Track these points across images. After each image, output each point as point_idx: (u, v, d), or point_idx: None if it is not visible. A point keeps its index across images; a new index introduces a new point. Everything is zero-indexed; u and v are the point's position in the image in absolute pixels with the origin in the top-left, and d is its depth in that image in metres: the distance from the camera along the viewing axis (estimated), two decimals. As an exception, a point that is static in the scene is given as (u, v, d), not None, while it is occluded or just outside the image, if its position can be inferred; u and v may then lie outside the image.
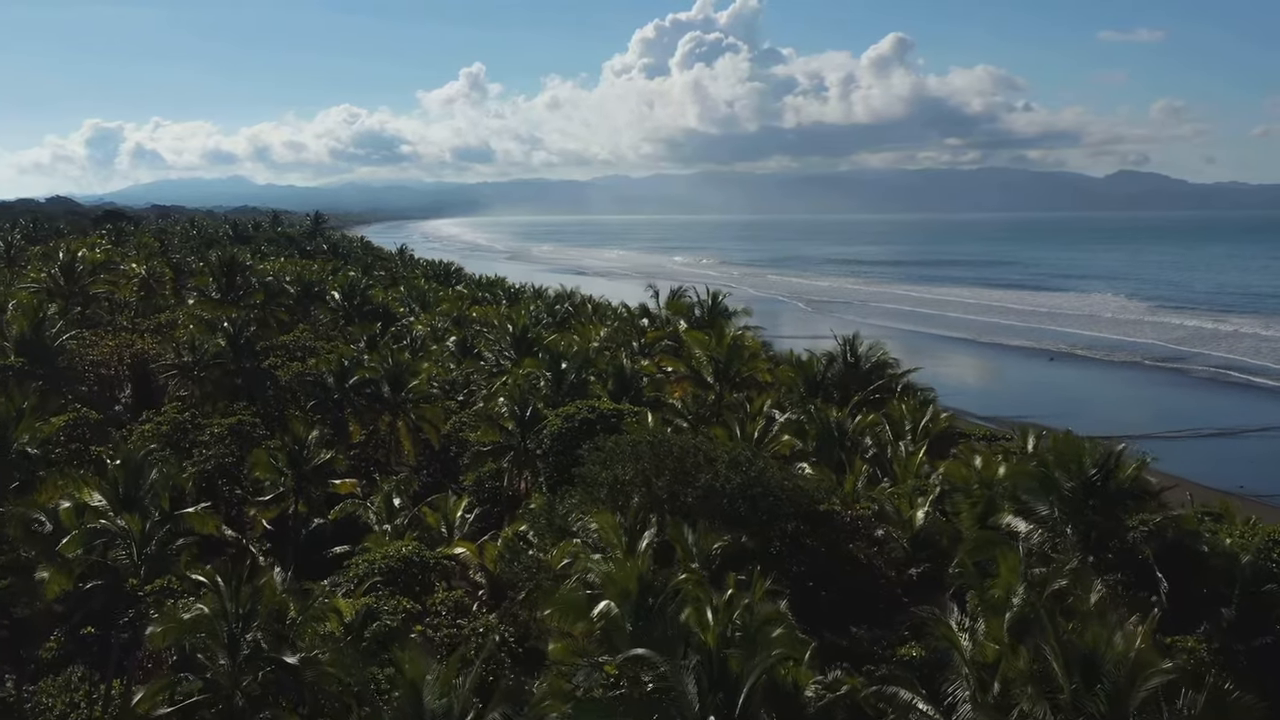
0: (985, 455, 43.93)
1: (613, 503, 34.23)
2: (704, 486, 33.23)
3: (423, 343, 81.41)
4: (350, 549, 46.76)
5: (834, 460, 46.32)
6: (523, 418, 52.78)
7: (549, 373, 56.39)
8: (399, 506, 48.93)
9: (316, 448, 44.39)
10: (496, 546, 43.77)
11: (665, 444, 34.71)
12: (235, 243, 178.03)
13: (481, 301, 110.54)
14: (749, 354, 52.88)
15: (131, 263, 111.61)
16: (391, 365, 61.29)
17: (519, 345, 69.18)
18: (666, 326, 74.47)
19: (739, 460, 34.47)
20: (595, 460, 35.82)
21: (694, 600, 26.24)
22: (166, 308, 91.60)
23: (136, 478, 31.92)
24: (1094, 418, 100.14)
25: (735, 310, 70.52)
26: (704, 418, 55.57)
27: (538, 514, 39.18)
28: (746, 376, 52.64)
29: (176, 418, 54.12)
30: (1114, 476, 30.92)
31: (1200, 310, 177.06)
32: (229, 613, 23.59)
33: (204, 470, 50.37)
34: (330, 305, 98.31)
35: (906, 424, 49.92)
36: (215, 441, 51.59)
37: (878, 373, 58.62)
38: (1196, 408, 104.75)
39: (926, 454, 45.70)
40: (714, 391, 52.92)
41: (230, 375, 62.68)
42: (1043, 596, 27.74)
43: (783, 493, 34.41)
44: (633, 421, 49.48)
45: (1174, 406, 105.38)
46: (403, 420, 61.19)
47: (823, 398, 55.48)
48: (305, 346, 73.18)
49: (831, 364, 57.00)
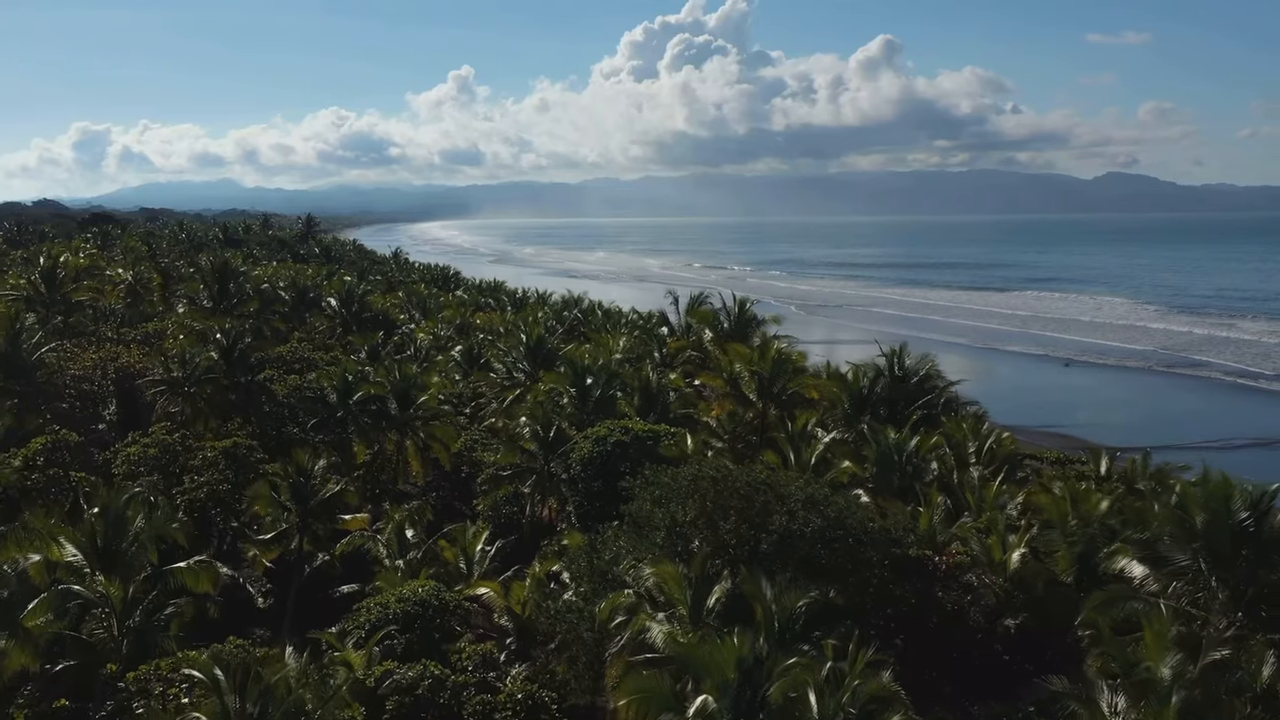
0: (1069, 484, 39.60)
1: (671, 547, 29.65)
2: (779, 530, 28.66)
3: (427, 353, 76.73)
4: (360, 587, 42.17)
5: (893, 488, 41.89)
6: (546, 438, 48.22)
7: (572, 388, 51.77)
8: (412, 539, 44.28)
9: (323, 479, 39.55)
10: (524, 587, 39.25)
11: (729, 478, 30.09)
12: (226, 246, 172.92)
13: (485, 308, 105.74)
14: (795, 368, 48.25)
15: (118, 268, 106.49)
16: (399, 379, 56.61)
17: (533, 356, 64.52)
18: (689, 335, 69.92)
19: (815, 498, 29.92)
20: (647, 496, 31.20)
21: (787, 675, 21.85)
22: (155, 315, 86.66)
23: (119, 528, 27.05)
24: (1123, 426, 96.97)
25: (765, 318, 65.87)
26: (741, 436, 51.08)
27: (576, 555, 34.57)
28: (792, 393, 48.00)
29: (165, 439, 49.30)
30: (1268, 521, 26.47)
31: (1207, 314, 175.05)
32: (232, 715, 18.82)
33: (196, 499, 45.67)
34: (327, 312, 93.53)
35: (970, 445, 45.52)
36: (208, 466, 46.87)
37: (926, 386, 54.15)
38: (1224, 415, 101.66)
39: (995, 479, 41.32)
40: (756, 410, 48.30)
41: (224, 391, 57.86)
42: (1197, 668, 23.38)
43: (866, 536, 29.90)
44: (669, 444, 44.98)
45: (1201, 414, 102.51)
46: (411, 439, 56.57)
47: (871, 415, 51.02)
48: (303, 358, 68.40)
49: (879, 378, 52.46)
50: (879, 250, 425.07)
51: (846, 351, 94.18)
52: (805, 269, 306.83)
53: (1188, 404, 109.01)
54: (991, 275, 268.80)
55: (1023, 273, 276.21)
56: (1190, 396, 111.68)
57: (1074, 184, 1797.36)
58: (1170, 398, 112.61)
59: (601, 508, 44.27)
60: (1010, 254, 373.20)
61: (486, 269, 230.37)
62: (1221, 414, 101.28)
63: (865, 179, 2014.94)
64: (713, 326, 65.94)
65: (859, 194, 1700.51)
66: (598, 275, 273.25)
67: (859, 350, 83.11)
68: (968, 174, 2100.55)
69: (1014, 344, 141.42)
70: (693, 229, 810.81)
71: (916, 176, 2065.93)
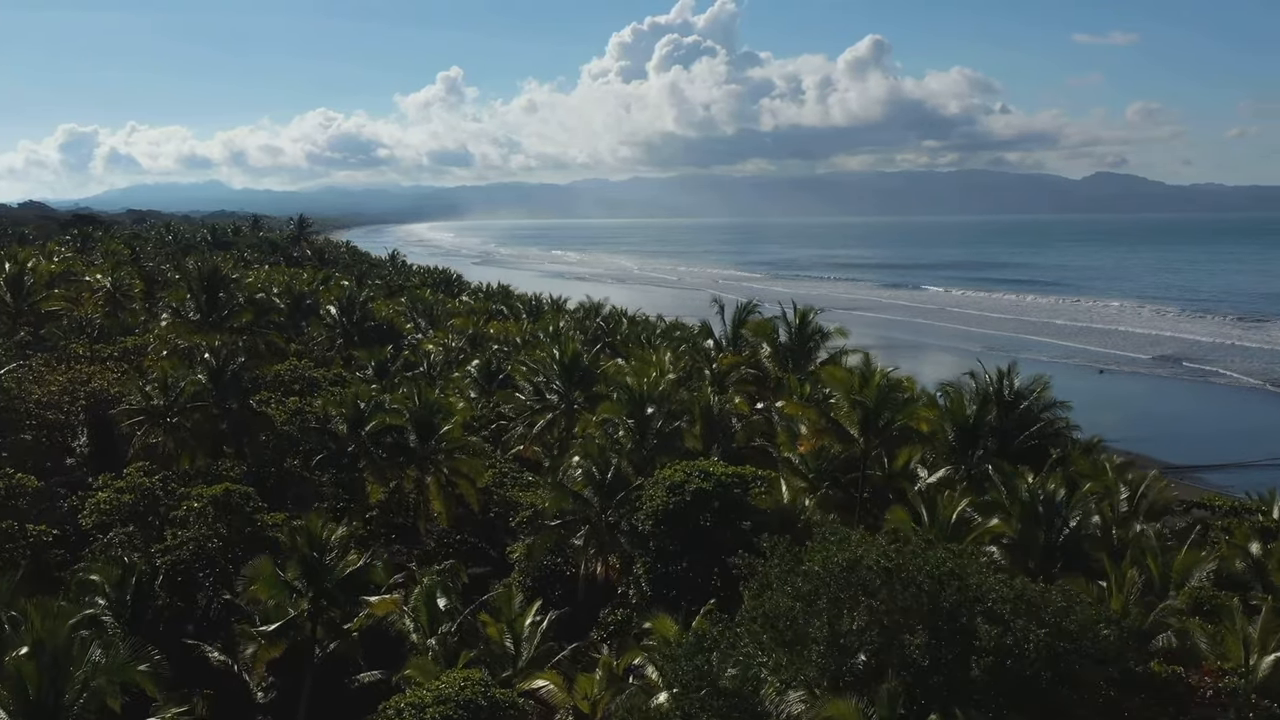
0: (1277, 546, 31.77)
1: (835, 664, 21.58)
2: (994, 649, 20.60)
3: (441, 369, 68.44)
4: (383, 675, 34.04)
5: (1038, 549, 34.02)
6: (603, 482, 40.09)
7: (629, 418, 43.58)
8: (445, 608, 36.02)
9: (342, 550, 31.18)
10: (593, 680, 31.18)
11: (906, 569, 22.03)
12: (215, 249, 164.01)
13: (497, 315, 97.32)
14: (906, 396, 40.11)
15: (96, 273, 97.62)
16: (418, 406, 48.36)
17: (568, 375, 56.35)
18: (739, 348, 61.83)
19: (1030, 599, 21.86)
20: (788, 588, 23.05)
21: None
22: (136, 327, 78.17)
23: (58, 675, 18.44)
24: (1188, 439, 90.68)
25: (830, 330, 57.76)
26: (826, 474, 42.93)
27: (670, 652, 26.30)
28: (901, 427, 39.89)
29: (142, 482, 41.03)
30: None
31: (1226, 317, 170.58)
32: None
33: (179, 559, 37.42)
34: (326, 321, 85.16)
35: (1121, 492, 37.61)
36: (196, 519, 38.62)
37: (1035, 413, 46.22)
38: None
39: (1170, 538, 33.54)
40: (858, 447, 40.16)
41: (213, 420, 49.46)
42: None
43: (1098, 647, 21.91)
44: (760, 492, 36.96)
45: (1268, 428, 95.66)
46: (434, 475, 48.32)
47: (983, 450, 43.11)
48: (303, 377, 60.09)
49: (986, 405, 44.43)
50: (876, 251, 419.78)
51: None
52: (803, 270, 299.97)
53: (1247, 416, 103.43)
54: (995, 275, 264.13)
55: (1029, 273, 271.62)
56: (1246, 408, 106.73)
57: (1063, 184, 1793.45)
58: (1226, 410, 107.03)
59: (679, 572, 36.25)
60: (1010, 254, 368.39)
61: (472, 271, 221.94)
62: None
63: (854, 179, 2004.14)
64: (770, 340, 57.86)
65: (848, 195, 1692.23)
66: (596, 277, 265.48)
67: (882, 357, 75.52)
68: (957, 174, 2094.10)
69: (1035, 351, 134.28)
70: (683, 230, 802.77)
71: (905, 177, 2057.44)
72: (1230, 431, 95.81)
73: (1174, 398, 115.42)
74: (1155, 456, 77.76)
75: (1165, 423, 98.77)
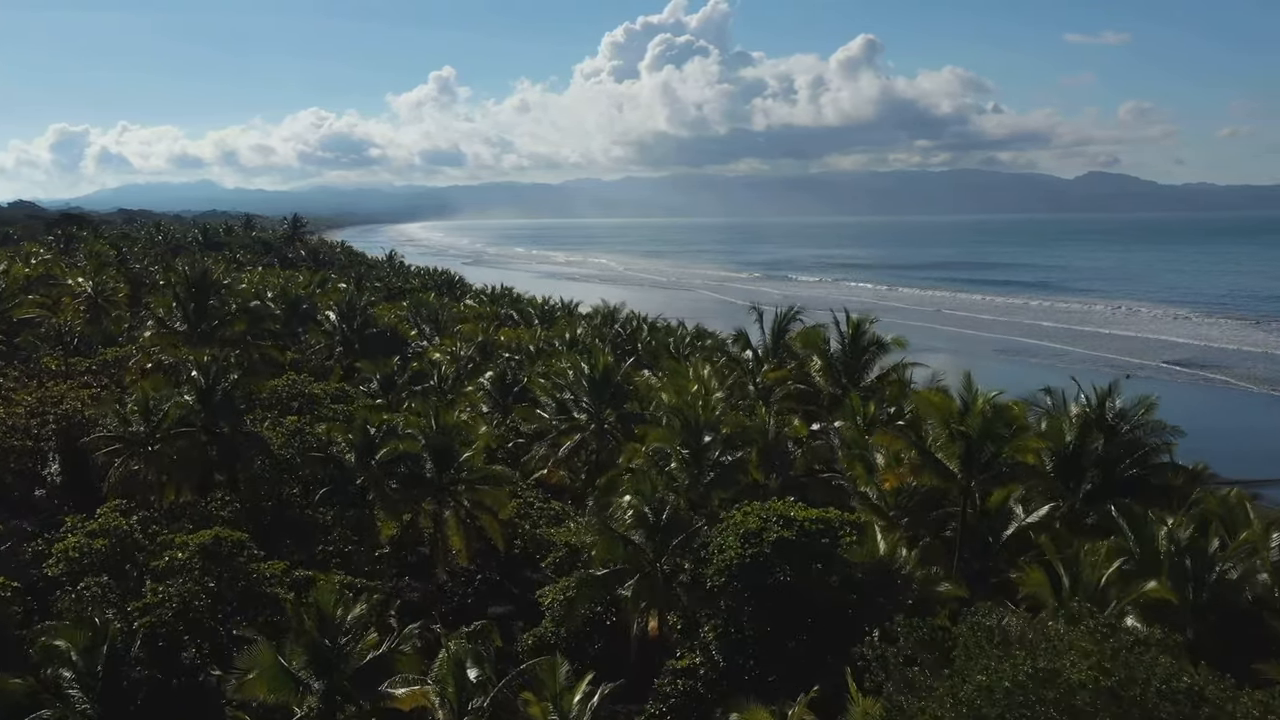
0: None
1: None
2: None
3: (452, 382, 62.53)
4: (407, 769, 28.24)
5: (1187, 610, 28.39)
6: (657, 524, 34.26)
7: (684, 448, 37.74)
8: (476, 680, 30.17)
9: (359, 631, 25.16)
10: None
11: (1129, 687, 16.33)
12: (206, 249, 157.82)
13: (506, 320, 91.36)
14: (1017, 425, 34.24)
15: (78, 276, 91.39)
16: (435, 431, 42.46)
17: (598, 392, 50.58)
18: (781, 360, 56.15)
19: None
20: (977, 701, 17.31)
21: None
22: (120, 334, 72.11)
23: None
24: (1237, 450, 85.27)
25: (889, 340, 52.00)
26: (908, 510, 37.20)
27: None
28: (1007, 460, 34.13)
29: (119, 525, 35.14)
30: None
31: (1242, 319, 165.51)
32: None
33: (160, 619, 31.53)
34: (324, 328, 79.20)
35: (1273, 539, 31.90)
36: (180, 570, 32.75)
37: (1141, 438, 40.63)
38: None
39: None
40: (958, 485, 34.41)
41: (201, 447, 43.43)
42: None
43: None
44: (851, 539, 31.18)
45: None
46: (453, 509, 42.46)
47: (1090, 484, 37.48)
48: (302, 394, 54.13)
49: (1088, 430, 38.72)
50: (872, 250, 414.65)
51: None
52: (802, 270, 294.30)
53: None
54: (996, 275, 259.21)
55: (1032, 273, 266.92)
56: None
57: (1056, 184, 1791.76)
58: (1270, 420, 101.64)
59: (759, 641, 30.45)
60: (1008, 254, 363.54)
61: (466, 271, 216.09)
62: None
63: (847, 179, 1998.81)
64: (821, 352, 52.13)
65: (841, 194, 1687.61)
66: (590, 278, 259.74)
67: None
68: (949, 174, 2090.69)
69: (1048, 358, 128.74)
70: (676, 230, 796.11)
71: (898, 177, 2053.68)
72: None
73: (1208, 404, 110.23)
74: (1213, 469, 72.70)
75: (1212, 433, 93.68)
